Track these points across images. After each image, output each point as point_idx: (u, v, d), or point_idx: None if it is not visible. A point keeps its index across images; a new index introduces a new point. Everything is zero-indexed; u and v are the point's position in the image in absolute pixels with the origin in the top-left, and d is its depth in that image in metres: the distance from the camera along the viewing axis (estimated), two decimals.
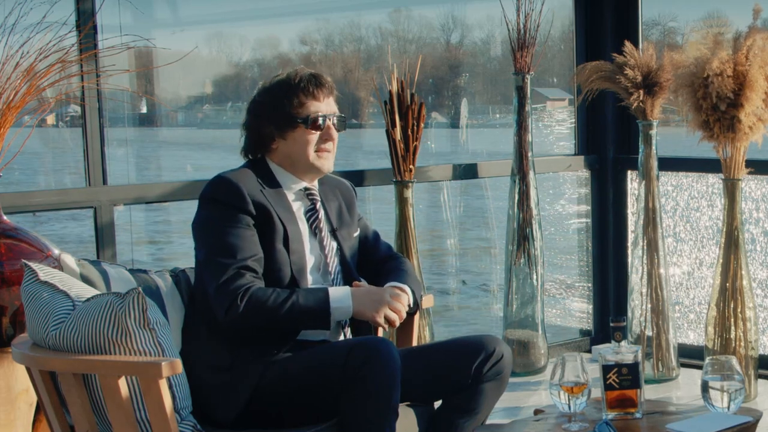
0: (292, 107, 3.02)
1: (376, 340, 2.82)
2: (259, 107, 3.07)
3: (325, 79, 3.07)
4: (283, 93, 3.03)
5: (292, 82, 3.03)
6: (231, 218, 2.92)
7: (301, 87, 3.02)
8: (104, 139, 4.01)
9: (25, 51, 3.25)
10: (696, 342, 5.19)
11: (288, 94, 3.02)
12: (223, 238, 2.90)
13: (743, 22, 4.60)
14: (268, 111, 3.04)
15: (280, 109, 3.02)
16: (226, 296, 2.85)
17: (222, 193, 2.95)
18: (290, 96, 3.02)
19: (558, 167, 5.46)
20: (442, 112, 6.34)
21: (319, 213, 3.10)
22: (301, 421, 2.85)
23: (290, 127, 3.02)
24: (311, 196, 3.10)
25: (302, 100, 3.02)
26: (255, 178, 3.01)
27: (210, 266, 2.91)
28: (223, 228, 2.91)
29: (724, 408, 2.87)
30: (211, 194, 2.97)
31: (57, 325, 2.74)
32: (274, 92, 3.04)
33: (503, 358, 3.03)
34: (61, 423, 2.85)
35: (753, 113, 4.36)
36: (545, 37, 4.95)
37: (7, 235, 3.24)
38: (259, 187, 2.99)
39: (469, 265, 6.13)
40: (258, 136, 3.07)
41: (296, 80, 3.03)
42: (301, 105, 3.02)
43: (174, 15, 6.12)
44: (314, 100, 3.03)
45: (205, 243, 2.95)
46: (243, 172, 3.02)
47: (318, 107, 3.04)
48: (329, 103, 3.08)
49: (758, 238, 5.04)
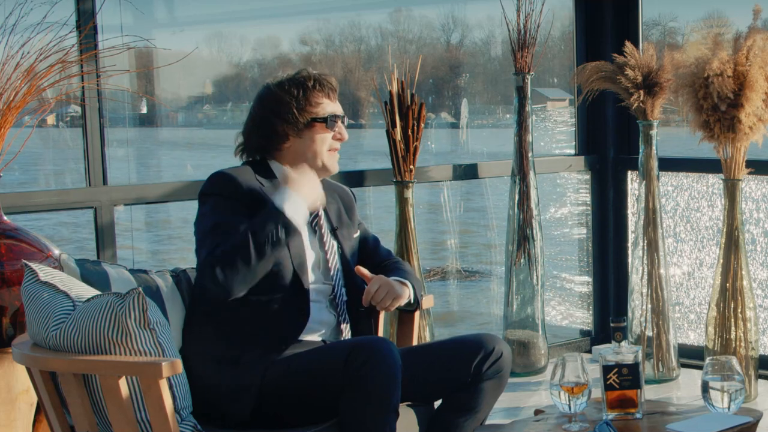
0: (311, 106, 3.06)
1: (377, 339, 2.82)
2: (274, 105, 3.07)
3: (335, 80, 3.14)
4: (301, 92, 3.06)
5: (307, 82, 3.07)
6: (223, 206, 2.93)
7: (318, 87, 3.07)
8: (104, 139, 4.02)
9: (26, 51, 3.25)
10: (696, 342, 5.19)
11: (306, 93, 3.06)
12: (213, 222, 2.90)
13: (743, 23, 4.60)
14: (286, 110, 3.05)
15: (299, 108, 3.05)
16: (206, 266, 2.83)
17: (215, 186, 2.97)
18: (308, 95, 3.06)
19: (558, 167, 5.46)
20: (447, 112, 6.34)
21: (319, 212, 3.10)
22: (302, 421, 2.85)
23: (307, 126, 3.05)
24: None
25: (319, 100, 3.07)
26: (254, 175, 3.02)
27: (198, 247, 2.92)
28: (213, 213, 2.92)
29: (724, 408, 2.87)
30: (206, 189, 2.99)
31: (57, 325, 2.74)
32: (291, 92, 3.07)
33: (503, 356, 3.04)
34: (61, 423, 2.85)
35: (753, 113, 4.36)
36: (545, 38, 4.95)
37: (7, 235, 3.24)
38: (258, 184, 3.00)
39: (469, 265, 6.13)
40: (270, 135, 3.07)
41: (311, 81, 3.07)
42: (318, 105, 3.07)
43: (174, 15, 6.11)
44: (329, 100, 3.10)
45: (198, 231, 2.96)
46: (242, 168, 3.04)
47: (333, 108, 3.10)
48: (338, 104, 3.13)
49: (758, 238, 5.04)
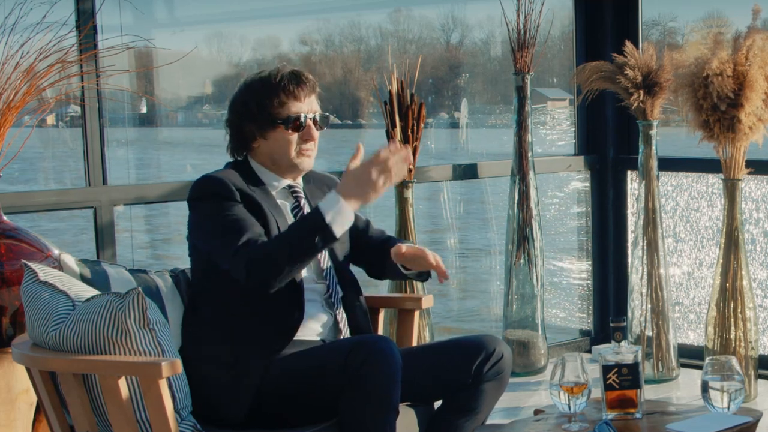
0: (273, 107, 2.97)
1: (377, 338, 2.80)
2: (240, 106, 3.02)
3: (306, 77, 3.02)
4: (264, 92, 2.98)
5: (273, 80, 2.98)
6: (222, 206, 2.89)
7: (282, 86, 2.97)
8: (104, 139, 4.01)
9: (25, 51, 3.25)
10: (696, 342, 5.19)
11: (269, 93, 2.98)
12: (222, 223, 2.86)
13: (743, 23, 4.60)
14: (249, 110, 3.00)
15: (260, 108, 2.98)
16: (242, 258, 2.78)
17: (207, 189, 2.93)
18: (271, 96, 2.97)
19: (558, 167, 5.46)
20: (446, 112, 6.34)
21: (304, 210, 3.06)
22: (301, 420, 2.84)
23: (270, 127, 2.99)
24: (295, 193, 3.08)
25: (283, 100, 2.98)
26: (239, 177, 2.99)
27: (218, 247, 2.86)
28: (219, 215, 2.88)
29: (724, 408, 2.87)
30: (197, 194, 2.95)
31: (57, 325, 2.74)
32: (255, 91, 3.00)
33: (503, 357, 3.03)
34: (61, 423, 2.85)
35: (753, 113, 4.36)
36: (545, 37, 4.95)
37: (7, 235, 3.24)
38: (245, 185, 2.97)
39: (470, 264, 6.13)
40: (240, 135, 3.04)
41: (277, 79, 2.98)
42: (282, 105, 2.98)
43: (174, 15, 6.12)
44: (295, 99, 2.99)
45: (207, 234, 2.91)
46: (226, 171, 3.00)
47: (299, 107, 2.99)
48: (311, 101, 3.03)
49: (758, 238, 5.03)
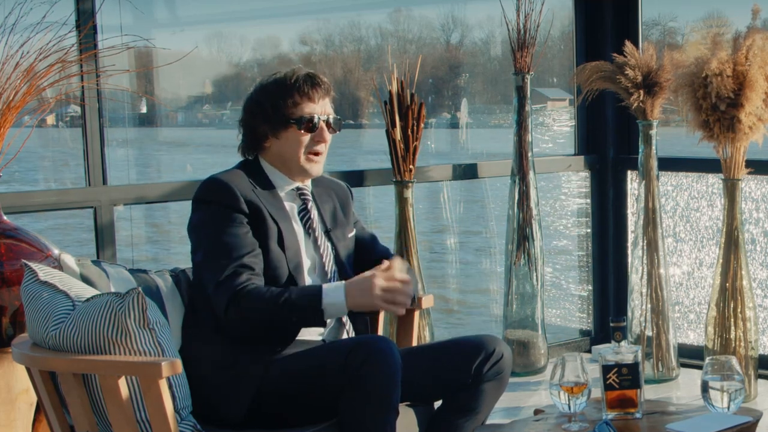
0: (287, 107, 3.01)
1: (377, 339, 2.81)
2: (254, 105, 3.06)
3: (321, 79, 3.05)
4: (279, 92, 3.02)
5: (288, 81, 3.02)
6: (225, 218, 2.92)
7: (297, 87, 3.01)
8: (104, 139, 4.02)
9: (25, 51, 3.25)
10: (696, 342, 5.19)
11: (283, 93, 3.01)
12: (219, 238, 2.90)
13: (743, 23, 4.60)
14: (263, 110, 3.03)
15: (274, 108, 3.01)
16: (224, 295, 2.85)
17: (214, 194, 2.95)
18: (285, 96, 3.01)
19: (558, 167, 5.46)
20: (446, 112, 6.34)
21: (312, 213, 3.09)
22: (301, 420, 2.84)
23: (283, 127, 3.02)
24: (303, 196, 3.10)
25: (297, 100, 3.01)
26: (247, 178, 3.01)
27: (208, 267, 2.91)
28: (218, 228, 2.92)
29: (724, 408, 2.87)
30: (203, 196, 2.97)
31: (57, 325, 2.74)
32: (270, 91, 3.03)
33: (503, 357, 3.03)
34: (61, 423, 2.85)
35: (753, 113, 4.36)
36: (545, 37, 4.95)
37: (7, 235, 3.24)
38: (251, 188, 2.99)
39: (470, 264, 6.13)
40: (252, 135, 3.07)
41: (292, 80, 3.02)
42: (296, 105, 3.01)
43: (174, 15, 6.11)
44: (309, 101, 3.02)
45: (201, 244, 2.95)
46: (234, 173, 3.02)
47: (312, 108, 3.03)
48: (324, 104, 3.06)
49: (758, 238, 5.03)
